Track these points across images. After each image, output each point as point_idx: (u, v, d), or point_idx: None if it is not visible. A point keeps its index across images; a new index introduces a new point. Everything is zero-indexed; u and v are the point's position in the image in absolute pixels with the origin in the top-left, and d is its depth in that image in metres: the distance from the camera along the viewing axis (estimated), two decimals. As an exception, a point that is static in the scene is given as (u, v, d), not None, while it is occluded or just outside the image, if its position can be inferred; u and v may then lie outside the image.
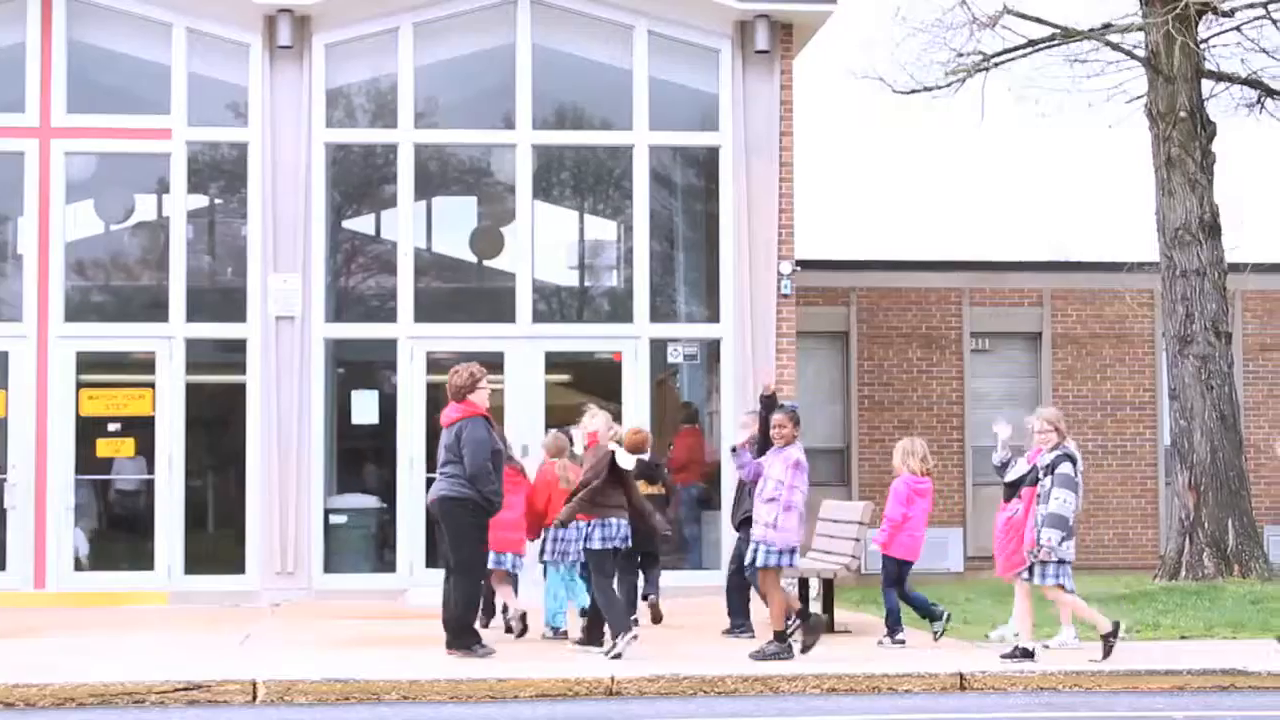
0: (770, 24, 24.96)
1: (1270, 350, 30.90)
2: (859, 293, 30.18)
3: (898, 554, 18.68)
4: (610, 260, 27.61)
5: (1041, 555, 16.58)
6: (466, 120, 25.96)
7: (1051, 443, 17.02)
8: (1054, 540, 16.49)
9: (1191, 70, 26.78)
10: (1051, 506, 16.59)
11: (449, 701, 15.15)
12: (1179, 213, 26.60)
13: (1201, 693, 15.77)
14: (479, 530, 17.48)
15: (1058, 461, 16.75)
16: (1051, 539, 16.51)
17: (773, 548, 17.06)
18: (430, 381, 24.86)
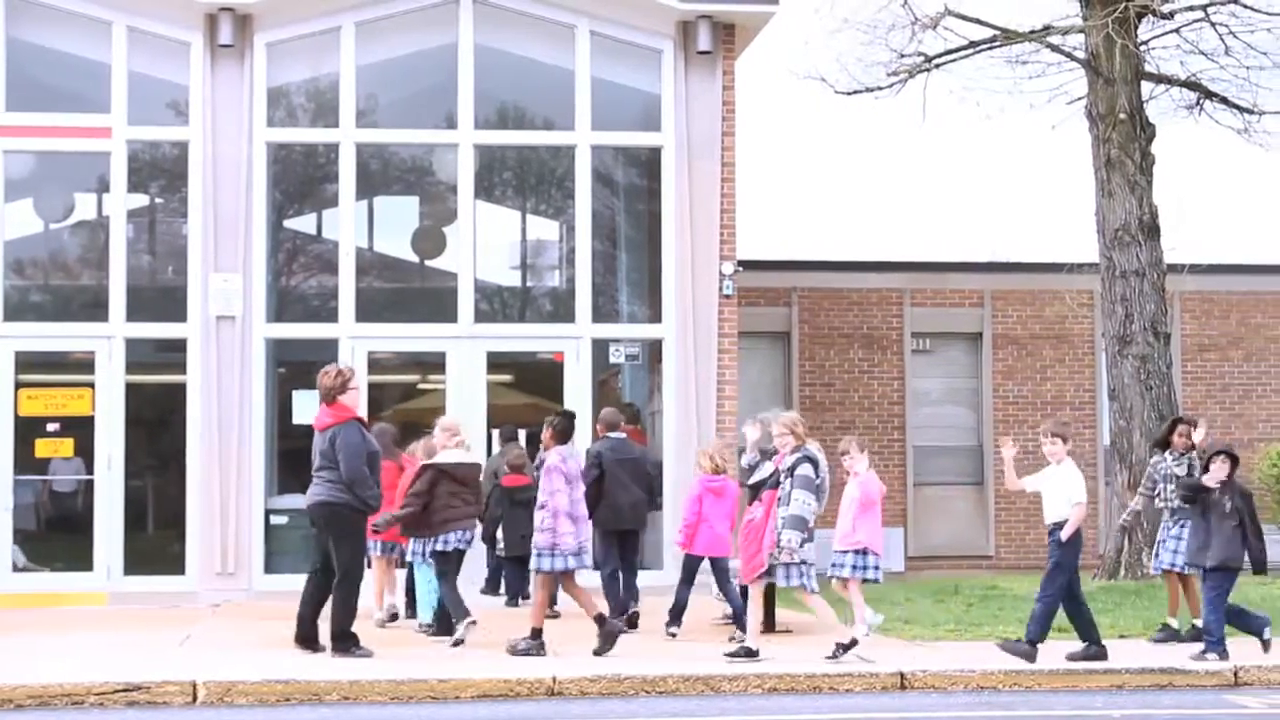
0: (712, 25, 24.99)
1: (1208, 351, 31.10)
2: (800, 293, 30.26)
3: (700, 551, 19.24)
4: (552, 260, 27.59)
5: (783, 557, 16.65)
6: (408, 120, 25.89)
7: (790, 446, 17.09)
8: (794, 542, 16.59)
9: (1131, 72, 26.91)
10: (791, 508, 16.68)
11: (390, 702, 15.12)
12: (1119, 214, 26.72)
13: (1140, 691, 15.87)
14: (359, 534, 17.65)
15: (797, 464, 16.88)
16: (792, 540, 16.60)
17: (542, 552, 17.53)
18: (372, 381, 24.81)
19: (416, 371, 27.52)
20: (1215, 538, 16.96)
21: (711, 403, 24.59)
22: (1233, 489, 17.15)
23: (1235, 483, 17.26)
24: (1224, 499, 17.06)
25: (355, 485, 17.26)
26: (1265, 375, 31.21)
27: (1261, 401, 31.12)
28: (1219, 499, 17.05)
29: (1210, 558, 16.95)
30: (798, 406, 29.75)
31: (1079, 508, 16.77)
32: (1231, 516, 16.98)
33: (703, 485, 19.47)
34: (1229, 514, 16.98)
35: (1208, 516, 17.08)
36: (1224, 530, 16.95)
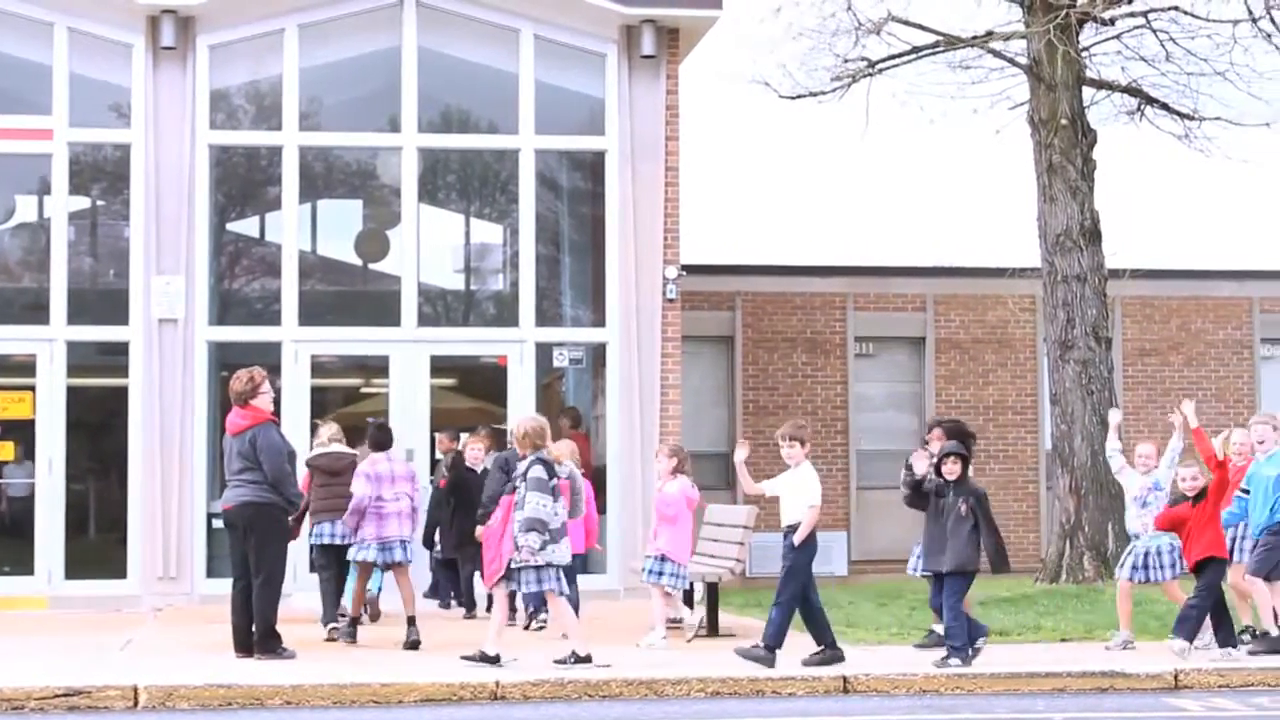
0: (656, 29, 25.00)
1: (1149, 355, 31.26)
2: (744, 297, 30.31)
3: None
4: (496, 264, 27.58)
5: (522, 558, 16.70)
6: (352, 123, 25.84)
7: (523, 451, 17.18)
8: (533, 543, 16.57)
9: (1073, 78, 27.04)
10: (525, 511, 16.69)
11: (333, 706, 15.08)
12: (1060, 219, 26.85)
13: (1082, 694, 15.93)
14: (284, 535, 17.85)
15: (530, 467, 16.90)
16: (530, 542, 16.57)
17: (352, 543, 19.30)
18: (315, 385, 24.77)
19: (360, 375, 27.48)
20: (951, 541, 16.70)
21: (655, 407, 24.61)
22: (966, 490, 16.90)
23: (969, 483, 17.00)
24: (958, 501, 16.78)
25: (280, 484, 17.40)
26: (1205, 380, 31.39)
27: (1202, 406, 31.01)
28: (953, 501, 16.77)
29: (946, 562, 16.72)
30: (740, 410, 29.87)
31: (813, 510, 16.70)
32: (967, 519, 16.71)
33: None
34: (964, 516, 16.71)
35: (942, 520, 16.82)
36: (960, 533, 16.69)
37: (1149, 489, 18.28)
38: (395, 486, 19.31)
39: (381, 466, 19.35)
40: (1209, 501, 17.22)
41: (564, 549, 16.88)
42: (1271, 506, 17.57)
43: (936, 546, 16.89)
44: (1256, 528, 17.70)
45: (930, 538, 17.01)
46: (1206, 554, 17.13)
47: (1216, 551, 17.21)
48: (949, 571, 16.78)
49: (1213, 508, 17.24)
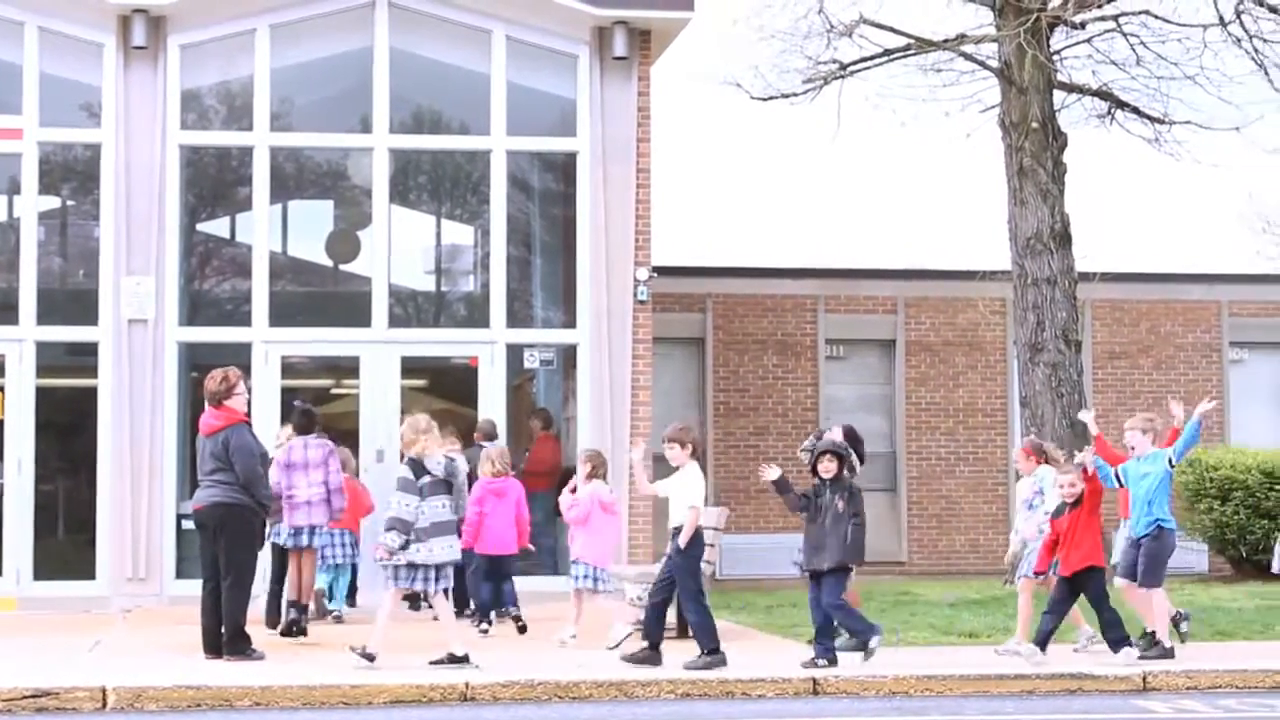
0: (628, 30, 25.01)
1: (1119, 358, 31.35)
2: (715, 299, 30.34)
3: (489, 550, 19.99)
4: (467, 265, 27.55)
5: (379, 556, 16.86)
6: (323, 123, 25.81)
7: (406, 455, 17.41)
8: (393, 543, 16.69)
9: (1044, 81, 27.10)
10: (391, 510, 16.88)
11: (302, 708, 15.06)
12: (1031, 222, 26.91)
13: (1050, 696, 15.96)
14: (254, 536, 17.77)
15: (402, 468, 17.19)
16: (389, 541, 16.71)
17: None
18: (286, 386, 24.72)
19: (330, 376, 27.44)
20: (830, 539, 16.63)
21: (626, 408, 24.61)
22: (842, 487, 16.80)
23: (845, 480, 16.89)
24: (835, 499, 16.71)
25: (252, 485, 17.37)
26: (1174, 383, 31.47)
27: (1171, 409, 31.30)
28: (830, 500, 16.70)
29: (827, 560, 16.63)
30: (711, 412, 29.89)
31: (694, 511, 16.72)
32: (844, 517, 16.65)
33: (484, 487, 20.12)
34: (842, 514, 16.64)
35: (820, 518, 16.74)
36: (839, 531, 16.62)
37: (1036, 492, 18.35)
38: (308, 475, 19.92)
39: (295, 455, 20.08)
40: (1084, 509, 17.12)
41: (441, 547, 16.84)
42: (1148, 511, 17.55)
43: (816, 545, 16.77)
44: (1133, 531, 17.71)
45: (810, 537, 16.89)
46: (1086, 563, 17.03)
47: (1095, 560, 17.12)
48: (829, 569, 16.66)
49: (1088, 515, 17.13)
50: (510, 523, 20.19)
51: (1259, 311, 31.97)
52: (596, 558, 19.05)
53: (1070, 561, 17.13)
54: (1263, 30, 27.68)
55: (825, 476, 16.87)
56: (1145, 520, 17.57)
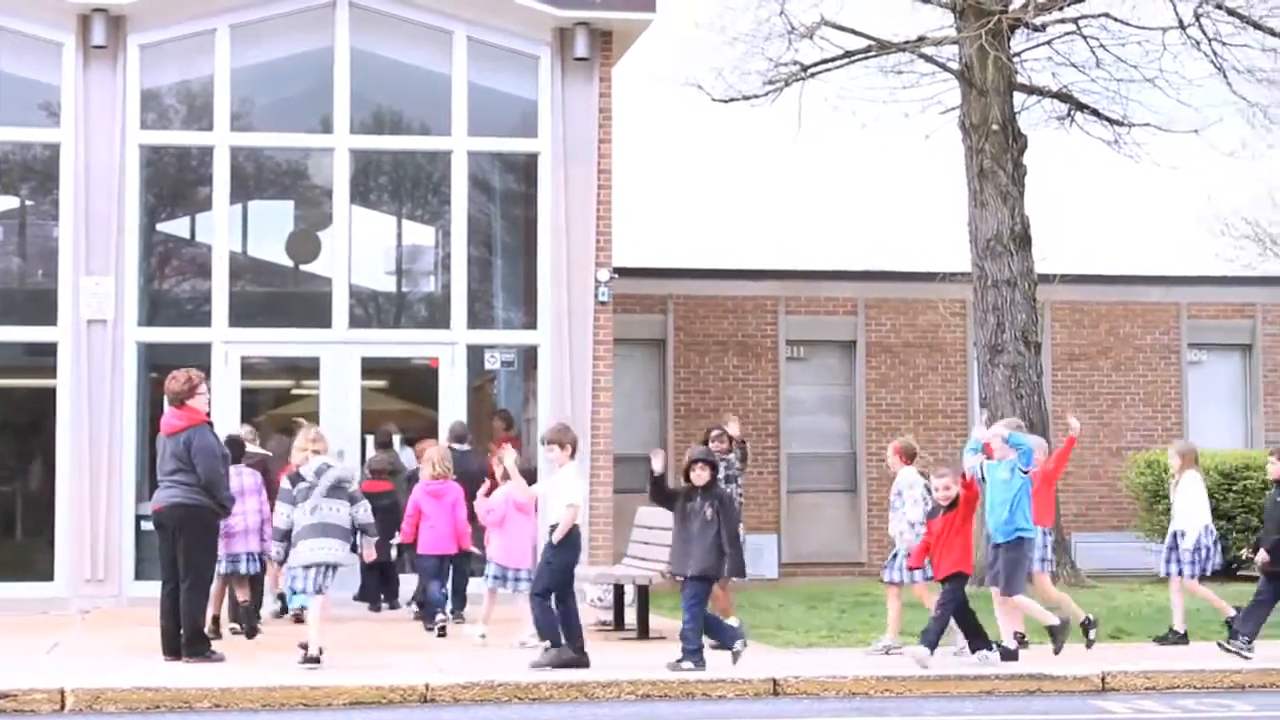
0: (590, 31, 25.01)
1: (1078, 360, 31.45)
2: (676, 300, 30.36)
3: (429, 550, 20.22)
4: (428, 266, 27.52)
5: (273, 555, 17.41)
6: (284, 123, 25.75)
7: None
8: (271, 551, 17.31)
9: (1004, 83, 27.19)
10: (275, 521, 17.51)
11: (262, 709, 15.03)
12: (991, 224, 26.99)
13: (1010, 697, 16.01)
14: (214, 537, 17.76)
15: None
16: (273, 551, 17.34)
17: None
18: (246, 386, 24.69)
19: (290, 377, 27.38)
20: (697, 545, 16.56)
21: (586, 410, 24.61)
22: (713, 495, 16.77)
23: (716, 489, 16.87)
24: (705, 506, 16.65)
25: (213, 487, 17.30)
26: (1133, 384, 31.60)
27: (1130, 410, 31.50)
28: (700, 507, 16.64)
29: (692, 566, 16.56)
30: (672, 413, 29.91)
31: (570, 509, 16.85)
32: (712, 524, 16.57)
33: (422, 489, 20.46)
34: (710, 521, 16.58)
35: (688, 524, 16.68)
36: (705, 538, 16.54)
37: (897, 494, 18.43)
38: (243, 503, 19.64)
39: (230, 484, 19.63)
40: (957, 514, 17.07)
41: (310, 549, 17.00)
42: (1008, 516, 17.53)
43: (683, 550, 16.71)
44: (995, 533, 17.70)
45: (678, 541, 16.85)
46: (955, 569, 16.98)
47: (963, 567, 17.05)
48: (693, 575, 16.58)
49: (961, 520, 17.08)
50: (449, 524, 20.27)
51: (1217, 313, 32.11)
52: (509, 558, 19.09)
53: (941, 566, 17.08)
54: (1221, 33, 27.82)
55: (698, 484, 16.77)
56: (1006, 528, 17.48)
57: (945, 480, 17.25)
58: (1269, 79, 28.69)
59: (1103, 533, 30.27)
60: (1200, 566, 19.00)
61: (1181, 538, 19.05)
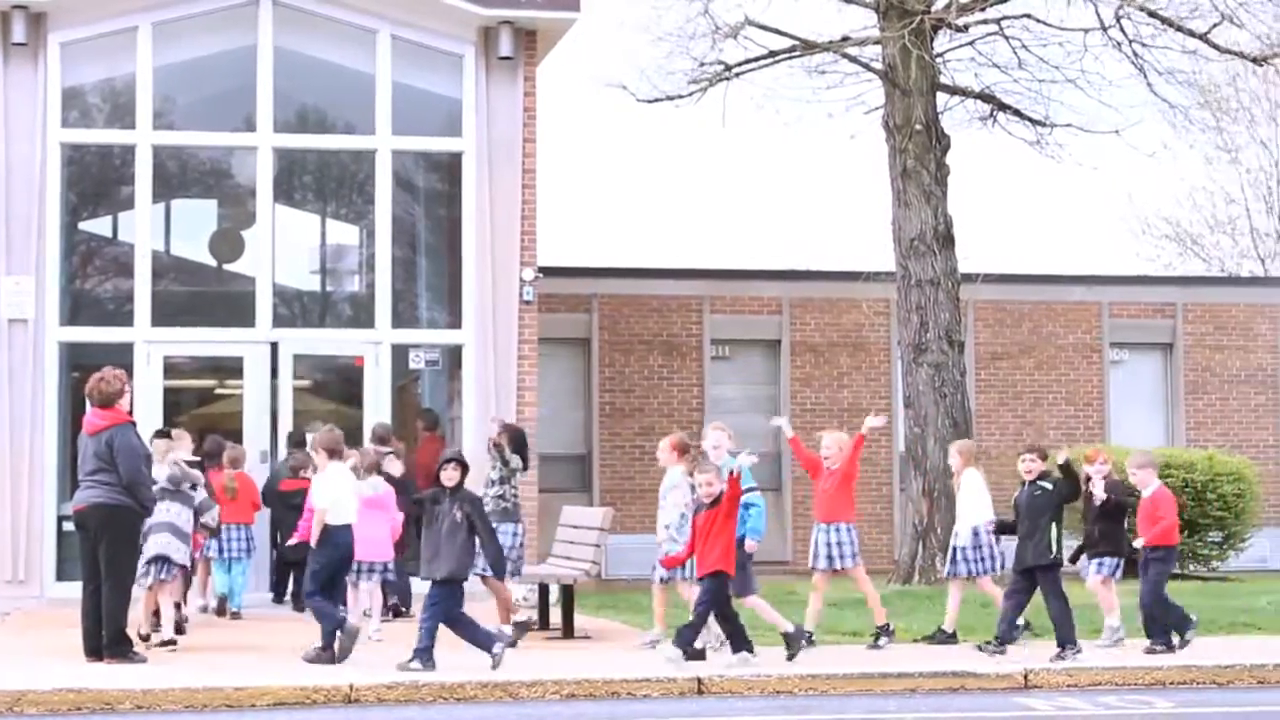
0: (514, 30, 25.00)
1: (1001, 359, 31.62)
2: (601, 300, 30.37)
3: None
4: (352, 265, 27.45)
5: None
6: (207, 122, 25.64)
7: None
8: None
9: (927, 84, 27.29)
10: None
11: (185, 711, 14.95)
12: (914, 223, 27.09)
13: (933, 694, 16.07)
14: (136, 537, 17.65)
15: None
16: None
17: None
18: (169, 386, 24.56)
19: (214, 376, 27.26)
20: (445, 548, 16.52)
21: (511, 409, 24.58)
22: (462, 497, 16.74)
23: (464, 491, 16.83)
24: (454, 509, 16.63)
25: (135, 487, 17.17)
26: (1056, 383, 31.80)
27: (1052, 409, 31.69)
28: (450, 508, 16.62)
29: (440, 569, 16.50)
30: (598, 413, 29.92)
31: (319, 513, 17.20)
32: (462, 526, 16.57)
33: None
34: (459, 523, 16.55)
35: (437, 526, 16.64)
36: (455, 540, 16.52)
37: (663, 495, 18.53)
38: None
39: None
40: (720, 511, 16.83)
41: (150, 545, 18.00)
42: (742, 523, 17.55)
43: (432, 553, 16.63)
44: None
45: (427, 544, 16.78)
46: (715, 567, 16.70)
47: (723, 565, 16.75)
48: (443, 579, 16.50)
49: (724, 518, 16.81)
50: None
51: (1139, 313, 32.34)
52: (373, 554, 19.12)
53: (704, 563, 16.79)
54: (1142, 35, 28.00)
55: (448, 485, 16.72)
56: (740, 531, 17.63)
57: (708, 477, 16.93)
58: (1189, 80, 28.93)
59: (1025, 530, 30.42)
60: (986, 565, 18.99)
61: (955, 537, 19.09)
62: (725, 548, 16.73)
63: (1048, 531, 17.53)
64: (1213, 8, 27.52)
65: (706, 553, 16.72)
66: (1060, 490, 17.75)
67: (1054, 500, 17.69)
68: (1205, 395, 32.36)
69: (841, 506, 18.71)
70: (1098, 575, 18.68)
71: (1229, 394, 32.43)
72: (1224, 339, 32.51)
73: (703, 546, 16.80)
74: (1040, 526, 17.57)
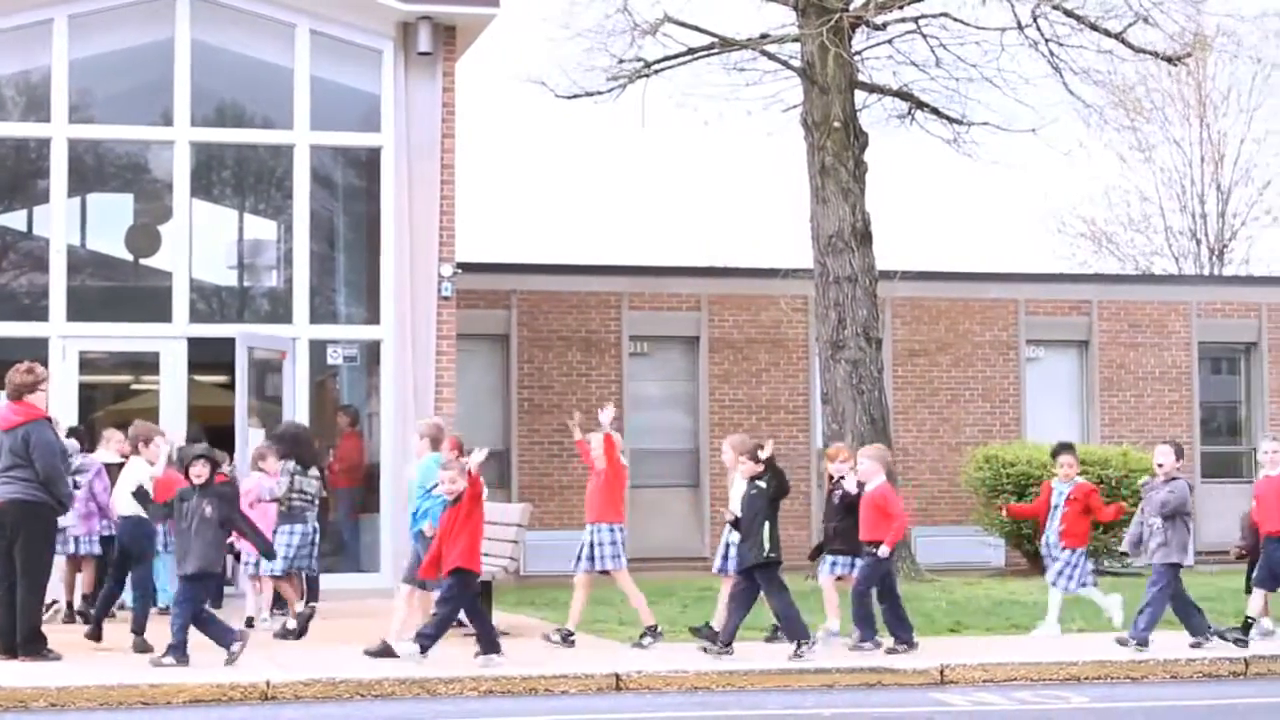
0: (433, 26, 24.95)
1: (918, 356, 31.77)
2: (520, 296, 30.34)
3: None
4: (270, 260, 27.34)
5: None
6: (124, 116, 25.47)
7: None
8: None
9: (846, 81, 27.39)
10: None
11: (99, 709, 14.87)
12: (832, 220, 27.18)
13: (850, 689, 16.14)
14: (51, 534, 17.52)
15: None
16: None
17: None
18: (85, 382, 24.41)
19: (130, 372, 27.10)
20: (195, 543, 16.62)
21: (430, 405, 24.54)
22: (210, 493, 16.78)
23: (214, 487, 16.87)
24: (204, 504, 16.69)
25: (52, 483, 17.05)
26: (972, 380, 31.97)
27: (969, 406, 31.87)
28: (199, 505, 16.68)
29: (190, 564, 16.59)
30: (516, 409, 29.89)
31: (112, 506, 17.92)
32: (211, 522, 16.66)
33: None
34: (208, 518, 16.64)
35: (186, 524, 16.70)
36: (204, 535, 16.63)
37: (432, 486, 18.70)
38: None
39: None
40: (461, 508, 16.74)
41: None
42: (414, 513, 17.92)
43: (183, 550, 16.74)
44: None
45: (178, 541, 16.92)
46: (459, 564, 16.65)
47: (467, 562, 16.71)
48: (191, 574, 16.57)
49: (466, 515, 16.72)
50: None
51: (1054, 310, 32.55)
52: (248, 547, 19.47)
53: (447, 560, 16.71)
54: (1058, 34, 28.18)
55: (196, 481, 16.82)
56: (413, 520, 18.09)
57: (450, 474, 16.90)
58: (1104, 80, 29.14)
59: (942, 527, 30.60)
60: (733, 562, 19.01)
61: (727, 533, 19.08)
62: (468, 545, 16.69)
63: (761, 530, 17.41)
64: (1128, 8, 27.75)
65: (449, 550, 16.66)
66: (770, 488, 17.55)
67: (766, 498, 17.51)
68: (1120, 392, 32.61)
69: (602, 507, 18.50)
70: (830, 574, 18.66)
71: (1143, 390, 32.70)
72: (1138, 336, 32.78)
73: (447, 543, 16.73)
74: (756, 526, 17.43)
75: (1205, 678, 17.02)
